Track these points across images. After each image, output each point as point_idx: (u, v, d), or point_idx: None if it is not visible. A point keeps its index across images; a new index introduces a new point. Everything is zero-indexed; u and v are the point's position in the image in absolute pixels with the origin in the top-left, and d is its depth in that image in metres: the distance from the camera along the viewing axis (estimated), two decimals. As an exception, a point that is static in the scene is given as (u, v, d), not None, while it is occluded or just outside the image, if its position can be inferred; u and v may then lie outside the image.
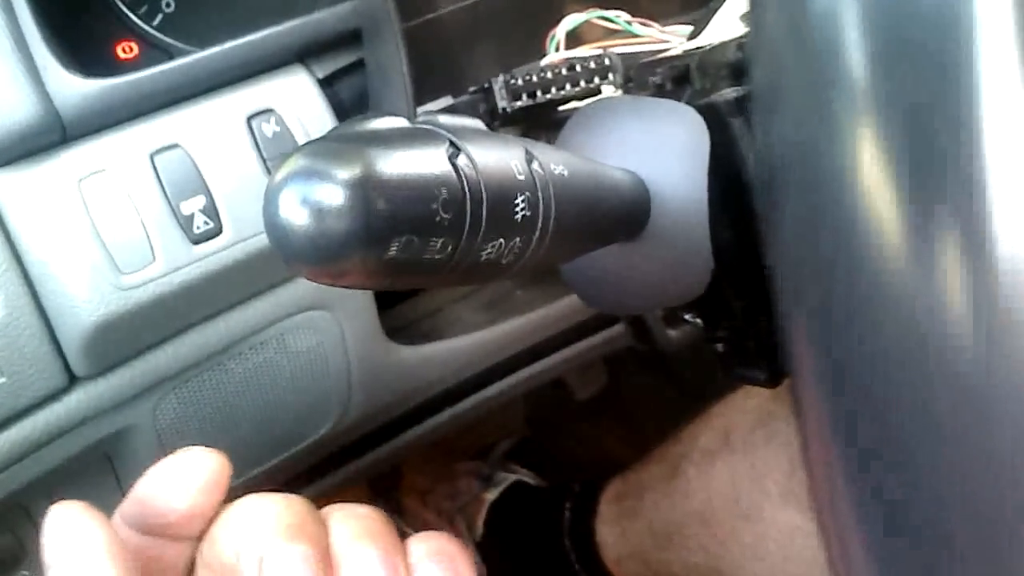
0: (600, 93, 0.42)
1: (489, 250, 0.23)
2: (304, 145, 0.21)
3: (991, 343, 0.18)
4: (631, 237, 0.30)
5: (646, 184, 0.30)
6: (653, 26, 0.46)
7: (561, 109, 0.43)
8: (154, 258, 0.35)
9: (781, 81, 0.22)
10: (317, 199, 0.19)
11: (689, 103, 0.31)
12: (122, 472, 0.40)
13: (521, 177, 0.23)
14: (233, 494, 0.29)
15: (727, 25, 0.41)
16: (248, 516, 0.28)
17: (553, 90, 0.42)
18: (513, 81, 0.41)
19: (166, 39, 0.42)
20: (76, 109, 0.34)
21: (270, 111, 0.38)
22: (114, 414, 0.38)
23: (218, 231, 0.36)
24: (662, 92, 0.36)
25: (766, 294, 0.24)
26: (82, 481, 0.39)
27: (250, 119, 0.38)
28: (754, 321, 0.33)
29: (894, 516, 0.21)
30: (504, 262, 0.24)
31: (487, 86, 0.42)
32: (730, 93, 0.31)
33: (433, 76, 0.45)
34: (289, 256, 0.20)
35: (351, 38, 0.40)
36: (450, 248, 0.22)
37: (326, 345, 0.42)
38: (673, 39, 0.46)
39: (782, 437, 0.59)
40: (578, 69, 0.42)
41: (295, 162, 0.20)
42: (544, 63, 0.44)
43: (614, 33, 0.46)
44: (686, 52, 0.38)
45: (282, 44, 0.38)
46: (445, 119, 0.23)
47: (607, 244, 0.30)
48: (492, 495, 0.79)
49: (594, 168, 0.28)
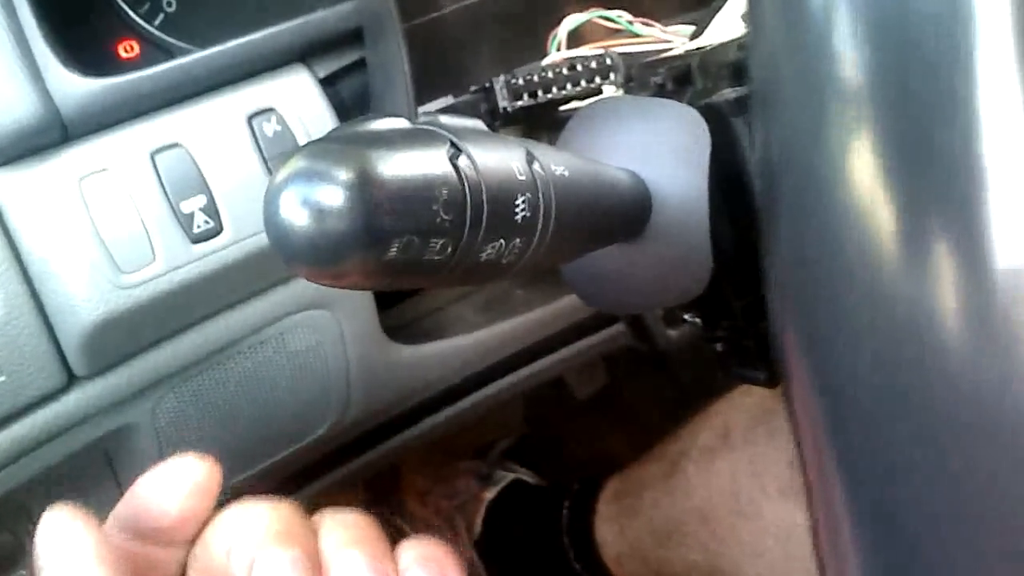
0: (601, 93, 0.42)
1: (489, 251, 0.23)
2: (305, 146, 0.21)
3: (985, 348, 0.18)
4: (631, 237, 0.30)
5: (647, 184, 0.30)
6: (655, 26, 0.46)
7: (562, 109, 0.43)
8: (154, 257, 0.35)
9: (778, 82, 0.22)
10: (317, 200, 0.19)
11: (690, 103, 0.31)
12: (121, 471, 0.40)
13: (522, 178, 0.23)
14: (232, 492, 0.29)
15: (729, 25, 0.41)
16: (239, 521, 0.28)
17: (554, 90, 0.42)
18: (514, 81, 0.41)
19: (167, 38, 0.42)
20: (77, 108, 0.34)
21: (271, 110, 0.38)
22: (113, 413, 0.38)
23: (218, 230, 0.36)
24: (663, 92, 0.36)
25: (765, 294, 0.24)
26: (81, 480, 0.39)
27: (251, 118, 0.38)
28: (754, 321, 0.33)
29: (887, 522, 0.21)
30: (504, 262, 0.24)
31: (488, 86, 0.42)
32: (731, 93, 0.31)
33: (434, 76, 0.45)
34: (289, 257, 0.20)
35: (352, 37, 0.40)
36: (450, 249, 0.21)
37: (325, 344, 0.42)
38: (675, 39, 0.45)
39: (781, 434, 0.59)
40: (579, 69, 0.42)
41: (296, 163, 0.20)
42: (545, 63, 0.44)
43: (615, 33, 0.46)
44: (687, 52, 0.38)
45: (283, 43, 0.38)
46: (446, 119, 0.23)
47: (607, 244, 0.30)
48: (491, 494, 0.79)
49: (595, 168, 0.28)
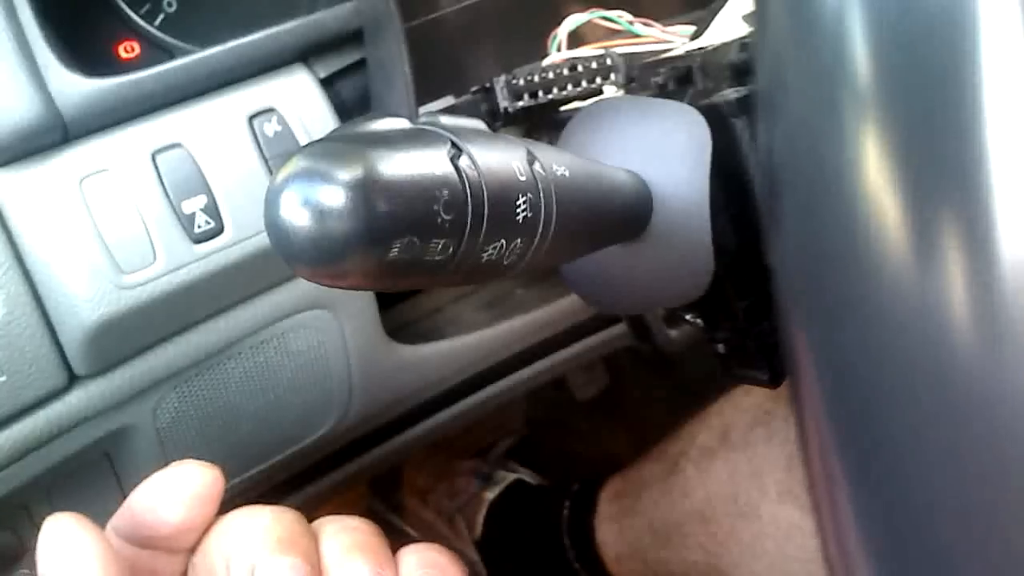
0: (602, 93, 0.42)
1: (490, 251, 0.23)
2: (305, 146, 0.21)
3: (993, 345, 0.18)
4: (632, 238, 0.30)
5: (648, 185, 0.30)
6: (655, 26, 0.46)
7: (563, 109, 0.43)
8: (155, 257, 0.35)
9: (785, 82, 0.22)
10: (318, 200, 0.19)
11: (691, 103, 0.31)
12: (122, 471, 0.40)
13: (523, 178, 0.23)
14: (233, 492, 0.29)
15: (730, 25, 0.41)
16: (239, 528, 0.28)
17: (555, 90, 0.41)
18: (515, 81, 0.41)
19: (168, 39, 0.42)
20: (77, 108, 0.34)
21: (272, 111, 0.38)
22: (114, 413, 0.38)
23: (219, 230, 0.36)
24: (664, 92, 0.36)
25: (767, 295, 0.24)
26: (82, 480, 0.39)
27: (252, 118, 0.38)
28: (755, 322, 0.33)
29: (893, 517, 0.21)
30: (505, 263, 0.24)
31: (488, 86, 0.42)
32: (732, 94, 0.31)
33: (435, 76, 0.45)
34: (290, 257, 0.20)
35: (353, 38, 0.40)
36: (451, 249, 0.21)
37: (326, 344, 0.42)
38: (675, 39, 0.45)
39: (781, 435, 0.59)
40: (580, 69, 0.41)
41: (296, 163, 0.20)
42: (546, 63, 0.44)
43: (616, 33, 0.46)
44: (688, 52, 0.38)
45: (284, 44, 0.38)
46: (447, 120, 0.23)
47: (609, 245, 0.30)
48: (492, 494, 0.79)
49: (596, 169, 0.28)
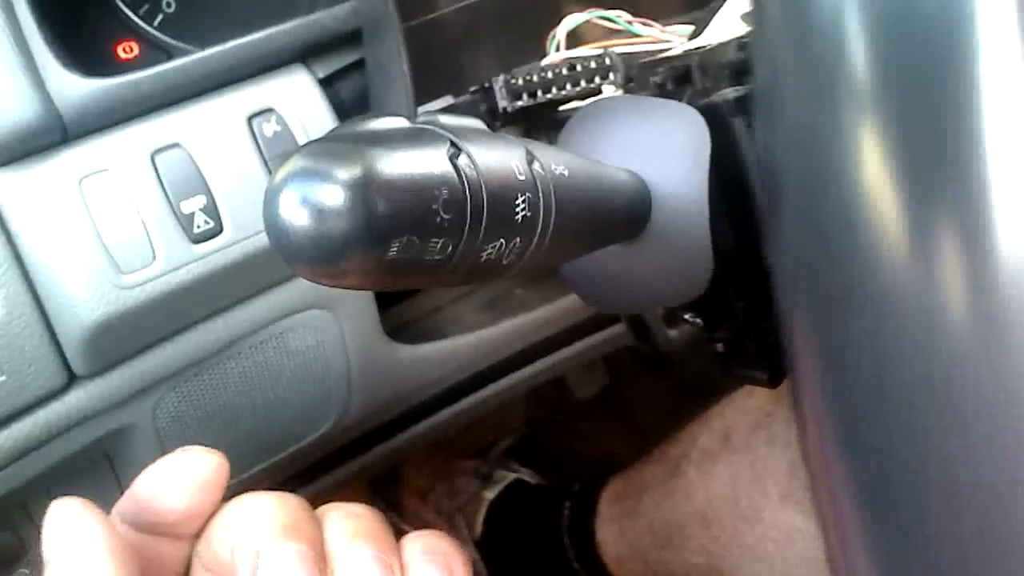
0: (601, 93, 0.42)
1: (489, 251, 0.23)
2: (304, 145, 0.21)
3: (992, 341, 0.18)
4: (632, 237, 0.30)
5: (647, 184, 0.30)
6: (654, 26, 0.46)
7: (562, 109, 0.43)
8: (154, 257, 0.35)
9: (784, 80, 0.22)
10: (317, 199, 0.19)
11: (690, 103, 0.31)
12: (122, 471, 0.40)
13: (522, 177, 0.23)
14: (232, 492, 0.29)
15: (728, 25, 0.41)
16: (244, 514, 0.28)
17: (554, 90, 0.41)
18: (513, 81, 0.41)
19: (166, 39, 0.42)
20: (76, 109, 0.34)
21: (271, 111, 0.38)
22: (114, 413, 0.38)
23: (218, 230, 0.36)
24: (663, 92, 0.36)
25: (767, 294, 0.24)
26: (82, 480, 0.39)
27: (251, 119, 0.38)
28: (755, 321, 0.33)
29: (896, 513, 0.21)
30: (505, 262, 0.24)
31: (487, 86, 0.42)
32: (731, 93, 0.31)
33: (433, 76, 0.45)
34: (289, 257, 0.20)
35: (352, 38, 0.40)
36: (450, 249, 0.21)
37: (326, 344, 0.42)
38: (674, 39, 0.45)
39: (783, 439, 0.59)
40: (579, 69, 0.41)
41: (295, 162, 0.20)
42: (545, 63, 0.44)
43: (615, 33, 0.46)
44: (687, 52, 0.38)
45: (282, 44, 0.38)
46: (446, 119, 0.23)
47: (608, 244, 0.30)
48: (492, 494, 0.79)
49: (595, 168, 0.28)
